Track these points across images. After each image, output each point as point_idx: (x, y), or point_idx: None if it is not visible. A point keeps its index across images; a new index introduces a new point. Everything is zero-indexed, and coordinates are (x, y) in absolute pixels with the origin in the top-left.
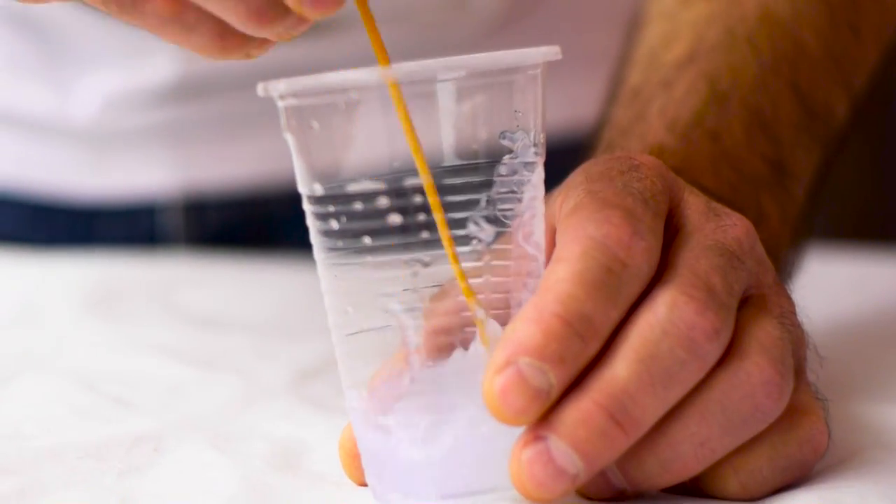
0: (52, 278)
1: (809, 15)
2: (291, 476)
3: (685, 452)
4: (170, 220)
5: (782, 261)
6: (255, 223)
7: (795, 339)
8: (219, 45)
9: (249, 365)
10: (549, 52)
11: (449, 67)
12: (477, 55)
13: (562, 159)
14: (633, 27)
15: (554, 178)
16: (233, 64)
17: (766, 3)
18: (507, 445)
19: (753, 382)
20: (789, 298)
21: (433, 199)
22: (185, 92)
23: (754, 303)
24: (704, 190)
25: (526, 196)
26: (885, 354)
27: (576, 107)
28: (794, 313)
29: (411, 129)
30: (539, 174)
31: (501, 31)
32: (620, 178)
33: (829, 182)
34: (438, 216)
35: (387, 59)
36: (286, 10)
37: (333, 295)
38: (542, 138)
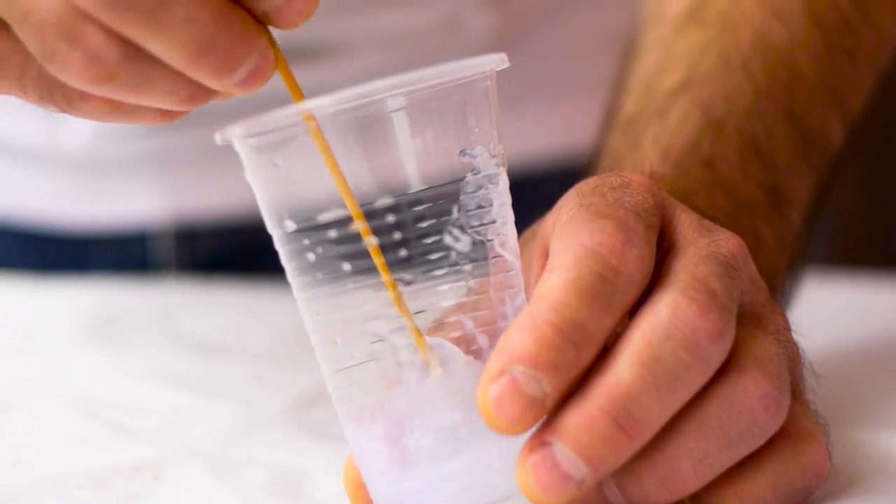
0: (51, 305)
1: (804, 40)
2: (291, 503)
3: (683, 468)
4: (161, 247)
5: (779, 286)
6: (247, 251)
7: (791, 356)
8: (166, 118)
9: (249, 392)
10: (495, 60)
11: (395, 89)
12: (422, 72)
13: (555, 185)
14: (627, 55)
15: (549, 204)
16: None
17: (761, 30)
18: (514, 455)
19: (751, 397)
20: (783, 316)
21: (366, 231)
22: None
23: (749, 320)
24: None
25: (495, 203)
26: (886, 380)
27: (569, 133)
28: (788, 330)
29: (334, 164)
30: (504, 182)
31: None
32: (612, 194)
33: (827, 207)
34: (378, 261)
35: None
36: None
37: (319, 330)
38: (500, 148)
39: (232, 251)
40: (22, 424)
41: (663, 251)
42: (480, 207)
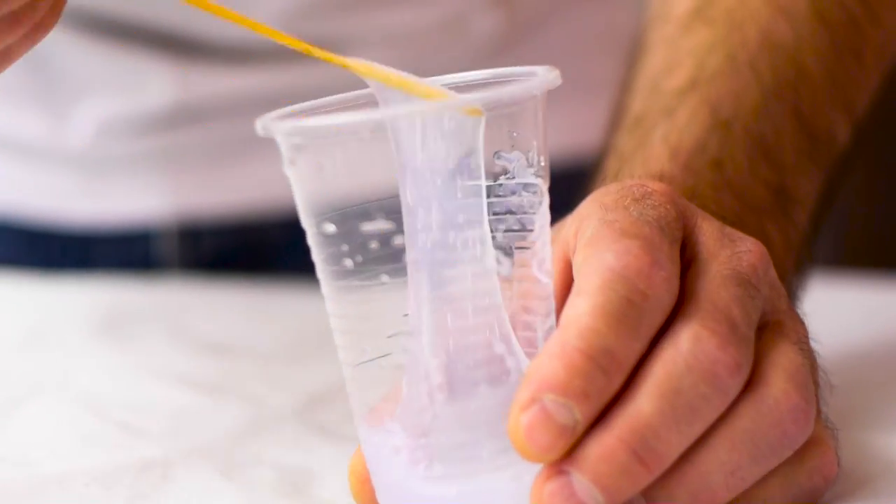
0: (59, 304)
1: (811, 40)
2: (299, 503)
3: (715, 482)
4: (165, 245)
5: (787, 287)
6: (250, 249)
7: (812, 364)
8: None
9: (257, 391)
10: (550, 79)
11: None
12: (481, 88)
13: (563, 185)
14: (634, 54)
15: (556, 203)
16: (229, 90)
17: (768, 29)
18: (529, 481)
19: (781, 410)
20: (803, 324)
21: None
22: (179, 118)
23: (772, 328)
24: None
25: (537, 224)
26: (894, 382)
27: (576, 132)
28: (808, 338)
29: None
30: (546, 202)
31: (499, 56)
32: (635, 207)
33: (834, 208)
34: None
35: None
36: None
37: (346, 333)
38: (542, 160)
39: (235, 249)
40: (29, 423)
41: (686, 262)
42: (510, 213)
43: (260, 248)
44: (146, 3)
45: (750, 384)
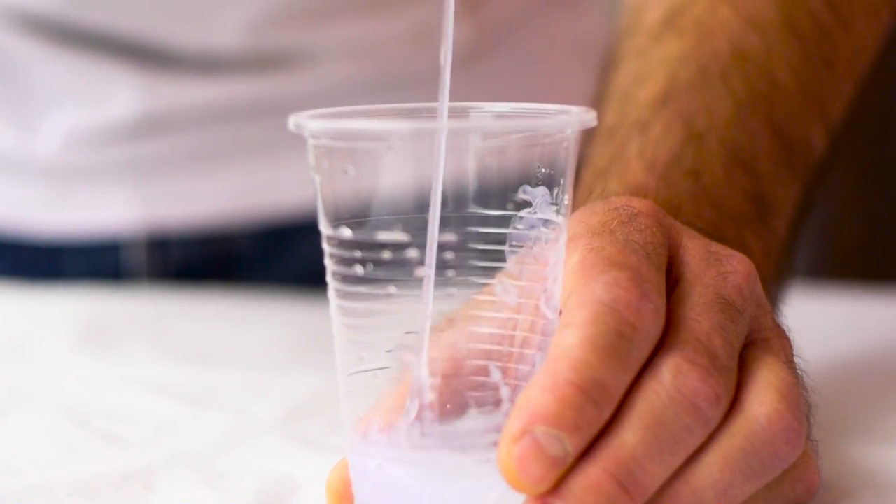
0: (40, 314)
1: (781, 50)
2: None
3: (708, 500)
4: (133, 255)
5: (767, 296)
6: (219, 259)
7: (801, 382)
8: None
9: (240, 401)
10: (586, 119)
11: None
12: (513, 117)
13: None
14: (606, 65)
15: None
16: (195, 100)
17: (738, 39)
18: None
19: (775, 430)
20: (789, 340)
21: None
22: (146, 128)
23: (760, 346)
24: None
25: (551, 260)
26: (877, 394)
27: None
28: (794, 354)
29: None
30: (564, 238)
31: (468, 66)
32: (621, 231)
33: (813, 217)
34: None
35: None
36: None
37: (347, 341)
38: (566, 199)
39: (204, 259)
40: (12, 433)
41: (671, 283)
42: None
43: (228, 259)
44: (112, 13)
45: (742, 403)
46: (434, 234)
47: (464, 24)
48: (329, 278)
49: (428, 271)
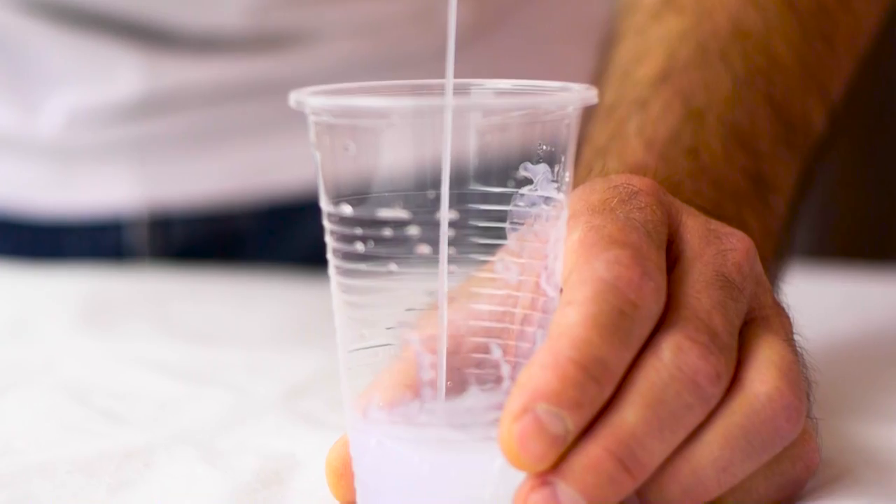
0: (40, 293)
1: (780, 27)
2: (282, 492)
3: (708, 477)
4: (135, 235)
5: (767, 274)
6: (221, 238)
7: (801, 360)
8: None
9: (241, 380)
10: (587, 96)
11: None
12: (514, 94)
13: None
14: (605, 44)
15: None
16: (198, 79)
17: (737, 17)
18: (514, 484)
19: (775, 407)
20: (788, 318)
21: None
22: (149, 107)
23: (760, 324)
24: None
25: (551, 237)
26: (877, 373)
27: None
28: (794, 332)
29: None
30: (565, 215)
31: (469, 46)
32: (622, 209)
33: (813, 196)
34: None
35: None
36: None
37: (347, 318)
38: (567, 176)
39: (206, 238)
40: (12, 411)
41: (671, 261)
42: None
43: (230, 238)
44: None
45: (743, 381)
46: (445, 211)
47: (465, 3)
48: (330, 255)
49: (442, 246)
